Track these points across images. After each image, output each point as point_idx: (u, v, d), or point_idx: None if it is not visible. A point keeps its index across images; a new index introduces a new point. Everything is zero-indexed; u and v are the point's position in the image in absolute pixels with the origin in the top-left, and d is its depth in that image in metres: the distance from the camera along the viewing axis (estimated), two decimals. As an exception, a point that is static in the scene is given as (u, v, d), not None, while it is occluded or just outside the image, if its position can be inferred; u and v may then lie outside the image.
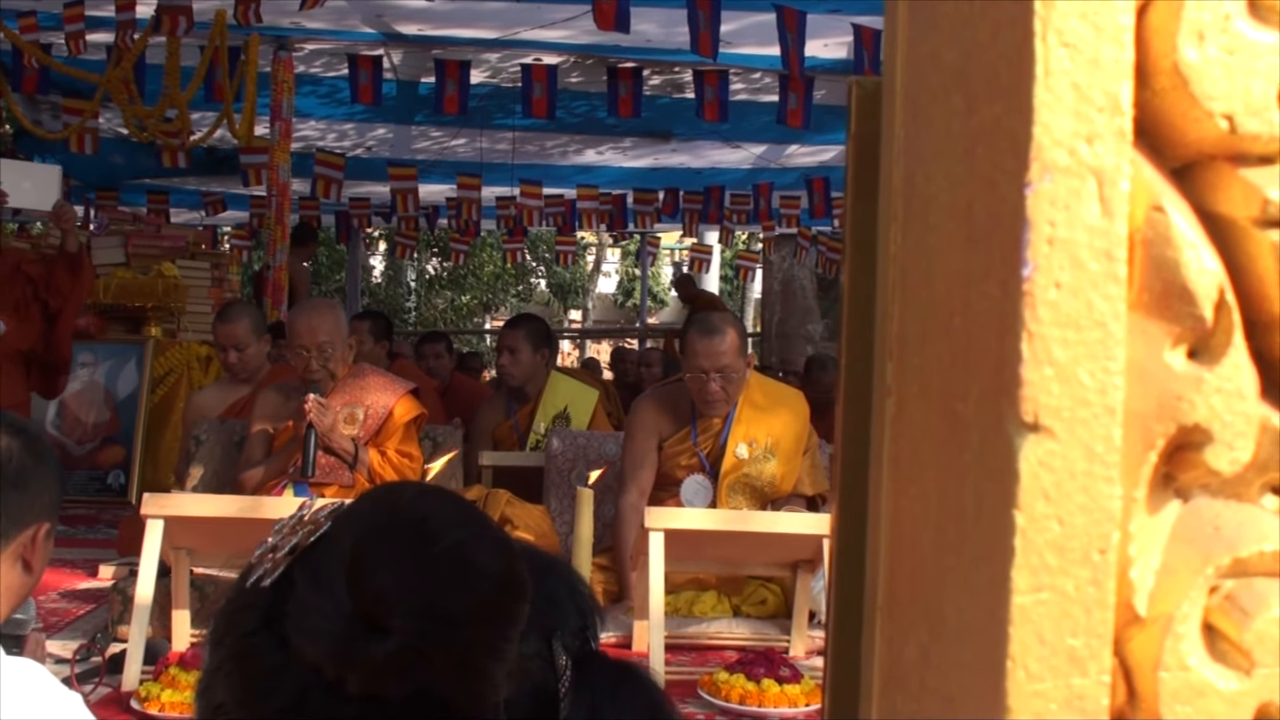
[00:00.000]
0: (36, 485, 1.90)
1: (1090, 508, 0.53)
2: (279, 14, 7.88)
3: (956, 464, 0.57)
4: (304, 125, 10.76)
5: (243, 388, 5.54)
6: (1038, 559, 0.53)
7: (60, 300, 5.92)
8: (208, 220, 14.36)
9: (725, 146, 11.82)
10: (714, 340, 4.78)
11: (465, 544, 1.13)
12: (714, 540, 4.40)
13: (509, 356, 6.07)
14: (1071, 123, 0.53)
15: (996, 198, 0.55)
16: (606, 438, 5.53)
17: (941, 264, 0.60)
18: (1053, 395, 0.53)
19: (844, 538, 0.78)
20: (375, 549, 1.09)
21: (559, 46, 9.09)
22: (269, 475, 4.78)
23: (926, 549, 0.60)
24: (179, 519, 3.98)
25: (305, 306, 5.04)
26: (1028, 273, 0.53)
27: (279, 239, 8.64)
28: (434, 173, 12.24)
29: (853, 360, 0.78)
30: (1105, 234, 0.53)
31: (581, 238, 21.74)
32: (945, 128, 0.59)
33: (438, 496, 1.22)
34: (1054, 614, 0.53)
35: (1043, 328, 0.53)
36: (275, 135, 8.69)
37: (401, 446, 4.85)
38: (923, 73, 0.63)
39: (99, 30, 8.12)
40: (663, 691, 1.40)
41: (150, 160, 10.77)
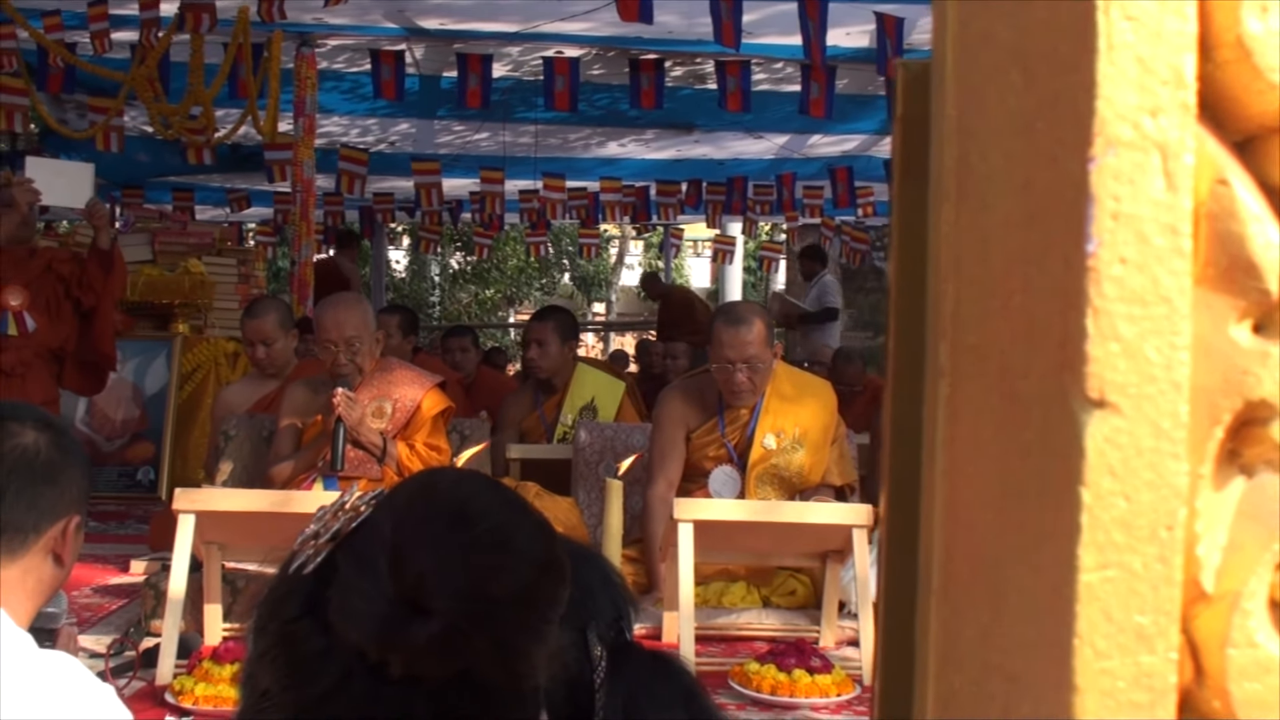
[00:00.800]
0: (66, 479, 1.91)
1: (1157, 484, 0.53)
2: (302, 10, 7.89)
3: (1018, 443, 0.57)
4: (327, 121, 10.78)
5: (271, 383, 5.56)
6: (1104, 536, 0.52)
7: (93, 297, 5.94)
8: (233, 217, 14.41)
9: (748, 137, 11.80)
10: (740, 330, 4.78)
11: (505, 526, 1.14)
12: (743, 531, 4.40)
13: (537, 349, 6.07)
14: (1135, 96, 0.52)
15: (1058, 173, 0.54)
16: (634, 429, 5.53)
17: (999, 242, 0.59)
18: (1119, 371, 0.52)
19: (895, 520, 0.78)
20: (417, 532, 1.10)
21: (580, 39, 9.09)
22: (298, 469, 4.80)
23: (986, 529, 0.60)
24: (210, 514, 4.00)
25: (332, 301, 5.05)
26: (1092, 248, 0.52)
27: (304, 235, 8.66)
28: (457, 167, 12.25)
29: (902, 342, 0.78)
30: (1170, 208, 0.53)
31: (604, 230, 21.76)
32: (1001, 105, 0.59)
33: (477, 481, 1.23)
34: (1121, 591, 0.53)
35: (1108, 303, 0.52)
36: (299, 131, 8.71)
37: (429, 440, 4.86)
38: (975, 51, 0.63)
39: (123, 29, 8.15)
40: (698, 681, 1.40)
41: (175, 158, 10.81)
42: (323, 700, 1.10)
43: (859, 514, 4.28)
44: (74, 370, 6.10)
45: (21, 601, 1.86)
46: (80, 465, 1.96)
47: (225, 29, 8.06)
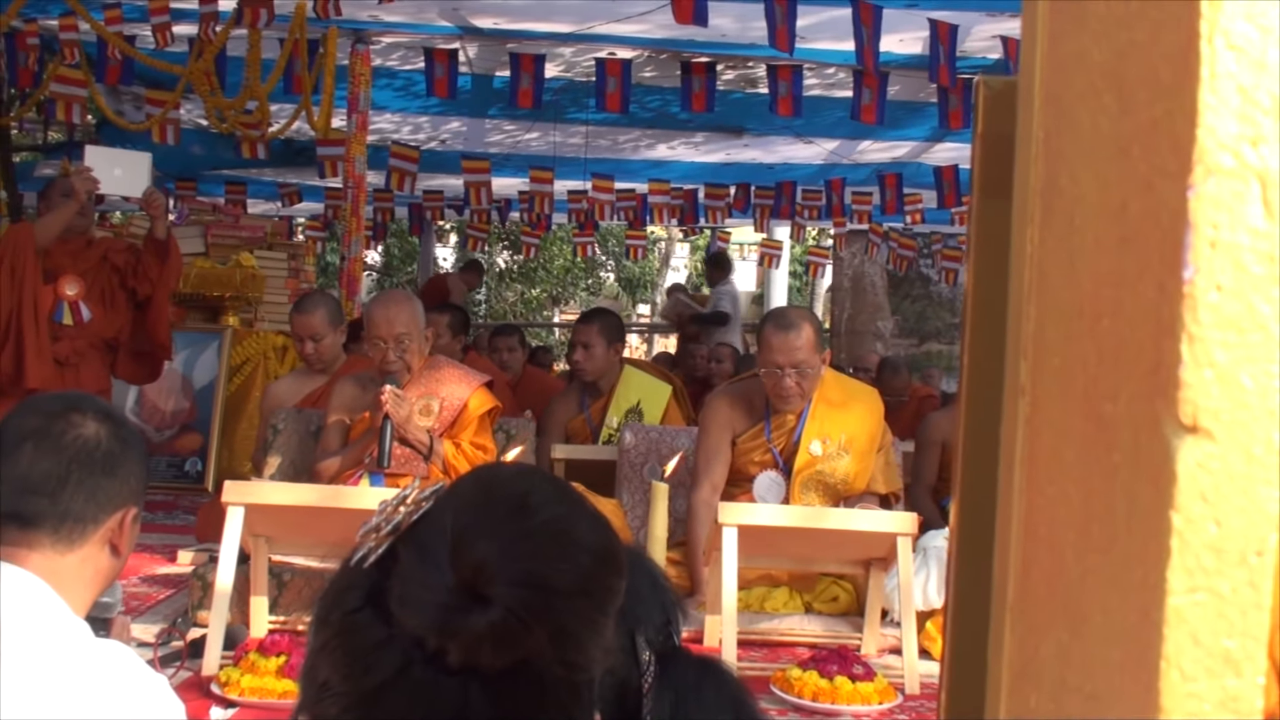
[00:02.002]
0: (124, 470, 1.93)
1: (1248, 509, 0.53)
2: (358, 7, 7.95)
3: (1104, 465, 0.57)
4: (380, 118, 10.85)
5: (319, 378, 5.59)
6: (1194, 560, 0.53)
7: (149, 287, 6.01)
8: (283, 211, 14.51)
9: (798, 142, 11.79)
10: (790, 335, 4.77)
11: (564, 518, 1.16)
12: (787, 537, 4.40)
13: (583, 351, 6.09)
14: (1236, 125, 0.53)
15: (1154, 199, 0.55)
16: (679, 432, 5.53)
17: (1087, 265, 0.60)
18: (1212, 398, 0.53)
19: (966, 534, 0.79)
20: (477, 522, 1.12)
21: (633, 41, 9.10)
22: (345, 465, 4.83)
23: (1068, 549, 0.60)
24: (258, 507, 4.03)
25: (383, 298, 5.08)
26: (1189, 275, 0.53)
27: (354, 230, 8.72)
28: (507, 166, 12.29)
29: (977, 360, 0.79)
30: (1268, 237, 0.53)
31: (651, 232, 21.76)
32: (1094, 128, 0.59)
33: (537, 475, 1.26)
34: (1210, 615, 0.53)
35: (1203, 330, 0.53)
36: (352, 127, 8.77)
37: (476, 439, 4.88)
38: (1068, 72, 0.63)
39: (182, 22, 8.24)
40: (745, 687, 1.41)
41: (229, 151, 10.91)
42: (381, 690, 1.11)
43: (903, 522, 4.27)
44: (128, 360, 6.16)
45: (79, 591, 1.89)
46: (139, 457, 1.98)
47: (282, 24, 8.13)
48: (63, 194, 5.86)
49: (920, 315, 15.80)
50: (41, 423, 1.90)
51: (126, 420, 2.09)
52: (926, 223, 13.80)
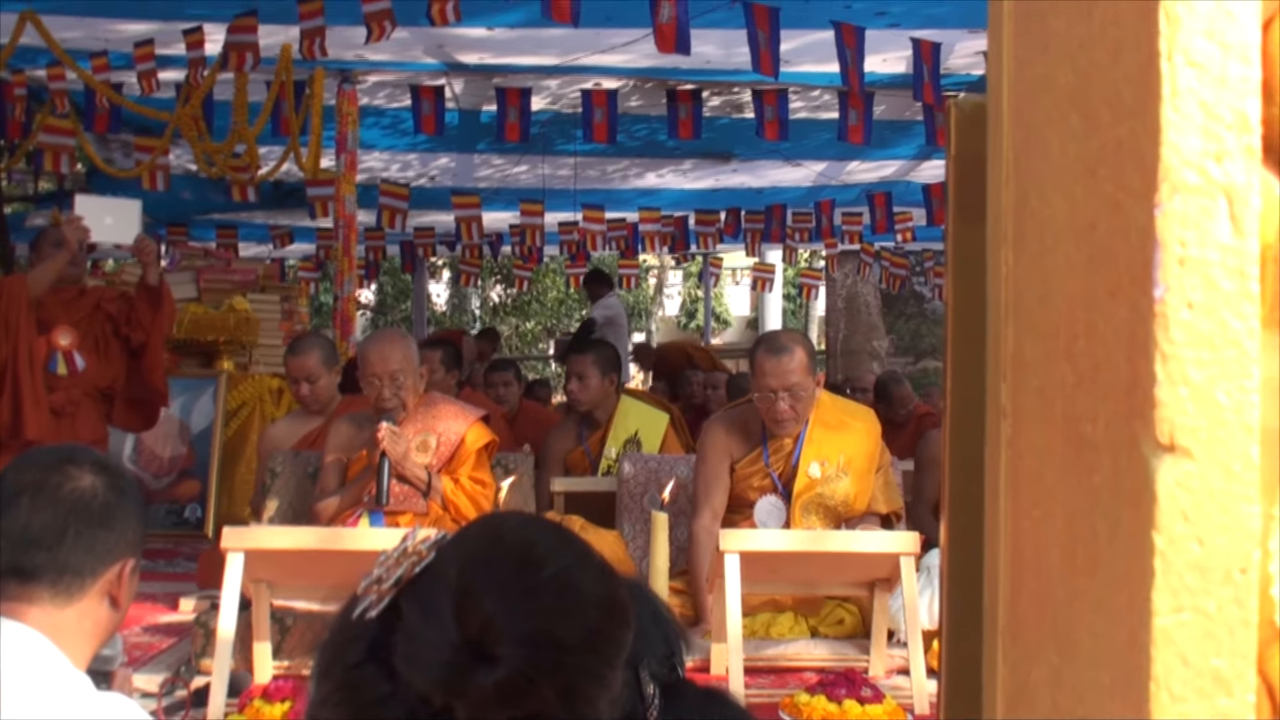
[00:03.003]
0: (122, 522, 1.93)
1: (1230, 527, 0.53)
2: (343, 47, 7.98)
3: (1085, 486, 0.57)
4: (368, 157, 10.87)
5: (315, 419, 5.58)
6: (1178, 580, 0.52)
7: (142, 334, 6.00)
8: (275, 253, 14.53)
9: (786, 165, 11.82)
10: (782, 359, 4.77)
11: (570, 571, 1.14)
12: (789, 561, 4.39)
13: (578, 383, 6.09)
14: (1200, 142, 0.53)
15: (1122, 219, 0.55)
16: (678, 460, 5.52)
17: (1061, 285, 0.59)
18: (1189, 415, 0.53)
19: (956, 558, 0.78)
20: (481, 577, 1.10)
21: (618, 71, 9.14)
22: (344, 505, 4.82)
23: (1054, 571, 0.60)
24: (258, 552, 4.02)
25: (376, 337, 5.09)
26: (1160, 294, 0.53)
27: (346, 270, 8.72)
28: (497, 200, 12.32)
29: (959, 382, 0.78)
30: (1237, 252, 0.53)
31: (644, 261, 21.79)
32: (1062, 149, 0.59)
33: (540, 525, 1.24)
34: (1197, 635, 0.53)
35: (1176, 349, 0.53)
36: (341, 167, 8.79)
37: (474, 473, 4.87)
38: (1034, 94, 0.63)
39: (168, 68, 8.27)
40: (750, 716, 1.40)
41: (219, 195, 10.93)
42: None
43: (906, 542, 4.25)
44: (124, 408, 6.16)
45: (79, 644, 1.88)
46: (136, 509, 1.98)
47: (268, 67, 8.16)
48: (54, 244, 5.86)
49: (915, 333, 15.82)
50: (38, 476, 1.90)
51: (123, 471, 2.09)
52: (918, 240, 13.83)
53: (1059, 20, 0.61)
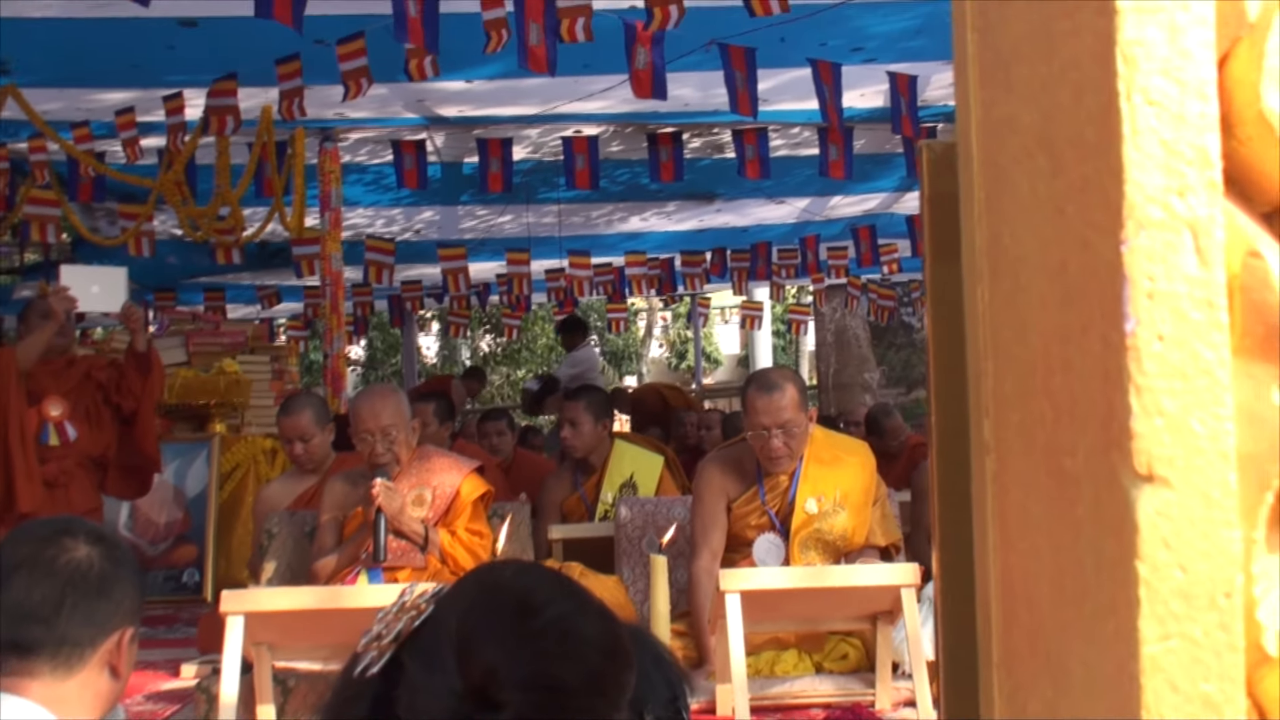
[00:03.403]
0: (119, 591, 1.93)
1: (1212, 553, 0.54)
2: (323, 106, 8.01)
3: (1069, 518, 0.58)
4: (353, 213, 10.90)
5: (310, 478, 5.58)
6: (1164, 608, 0.53)
7: (133, 401, 6.01)
8: (264, 314, 14.54)
9: (769, 203, 11.86)
10: (773, 396, 4.78)
11: (569, 615, 1.15)
12: (790, 598, 4.38)
13: (570, 429, 6.09)
14: (1162, 178, 0.54)
15: (1091, 255, 0.56)
16: (674, 502, 5.52)
17: (1036, 322, 0.61)
18: (1165, 445, 0.54)
19: (949, 594, 0.79)
20: (482, 626, 1.11)
21: (598, 117, 9.18)
22: (341, 563, 4.80)
23: (1044, 604, 0.61)
24: (258, 614, 4.00)
25: (367, 392, 5.09)
26: (1130, 327, 0.54)
27: (335, 328, 8.73)
28: (483, 251, 12.35)
29: (944, 418, 0.79)
30: (1204, 284, 0.54)
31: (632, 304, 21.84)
32: (1030, 189, 0.61)
33: (537, 572, 1.25)
34: (1185, 661, 0.53)
35: (1150, 380, 0.54)
36: (325, 225, 8.81)
37: (471, 525, 4.86)
38: (1001, 136, 0.64)
39: (150, 135, 8.30)
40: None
41: (205, 259, 10.95)
42: None
43: (906, 573, 4.25)
44: (117, 475, 6.15)
45: (81, 716, 1.88)
46: (133, 577, 1.98)
47: (249, 129, 8.19)
48: (41, 315, 5.87)
49: (906, 363, 15.83)
50: (33, 550, 1.90)
51: (119, 541, 2.09)
52: (904, 271, 13.86)
53: (1022, 64, 0.62)
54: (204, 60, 7.42)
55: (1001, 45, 0.64)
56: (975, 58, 0.67)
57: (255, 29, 6.48)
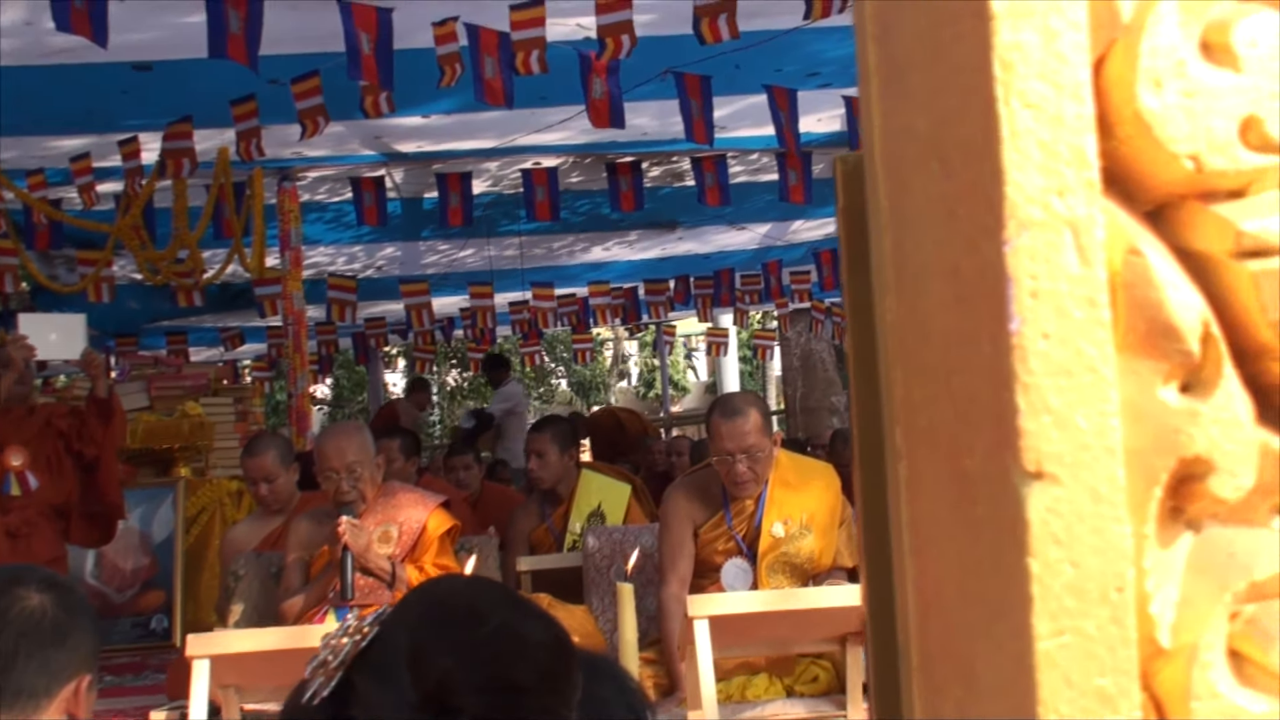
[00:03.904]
0: (74, 638, 1.91)
1: (1102, 548, 0.54)
2: (280, 145, 8.01)
3: (970, 519, 0.58)
4: (314, 252, 10.89)
5: (276, 519, 5.55)
6: (1056, 603, 0.54)
7: (94, 448, 5.97)
8: (227, 355, 14.49)
9: (730, 229, 11.92)
10: (737, 422, 4.79)
11: (514, 620, 1.20)
12: (759, 622, 4.38)
13: (537, 460, 6.08)
14: (1041, 179, 0.55)
15: (980, 258, 0.57)
16: (642, 530, 5.52)
17: (936, 326, 0.61)
18: (1053, 442, 0.54)
19: (874, 601, 0.79)
20: (433, 637, 1.15)
21: (557, 149, 9.22)
22: (309, 603, 4.78)
23: (952, 606, 0.61)
24: (224, 657, 3.97)
25: (331, 430, 5.08)
26: (1015, 326, 0.54)
27: (298, 367, 8.70)
28: (446, 285, 12.35)
29: (864, 428, 0.80)
30: (1086, 282, 0.55)
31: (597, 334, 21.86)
32: (926, 194, 0.61)
33: (478, 583, 1.31)
34: (1079, 656, 0.54)
35: (1035, 378, 0.54)
36: (286, 265, 8.79)
37: (438, 560, 4.85)
38: (900, 143, 0.65)
39: (106, 180, 8.28)
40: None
41: (166, 302, 10.90)
42: None
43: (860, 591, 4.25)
44: (81, 524, 6.10)
45: (39, 764, 1.86)
46: (88, 623, 1.97)
47: (206, 171, 8.18)
48: (1, 365, 5.83)
49: (873, 386, 15.85)
50: (-15, 602, 1.89)
51: (73, 587, 2.07)
52: (867, 294, 13.89)
53: (915, 71, 0.63)
54: (159, 103, 7.41)
55: (897, 53, 0.65)
56: (875, 67, 0.68)
57: (209, 71, 6.49)
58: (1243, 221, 0.56)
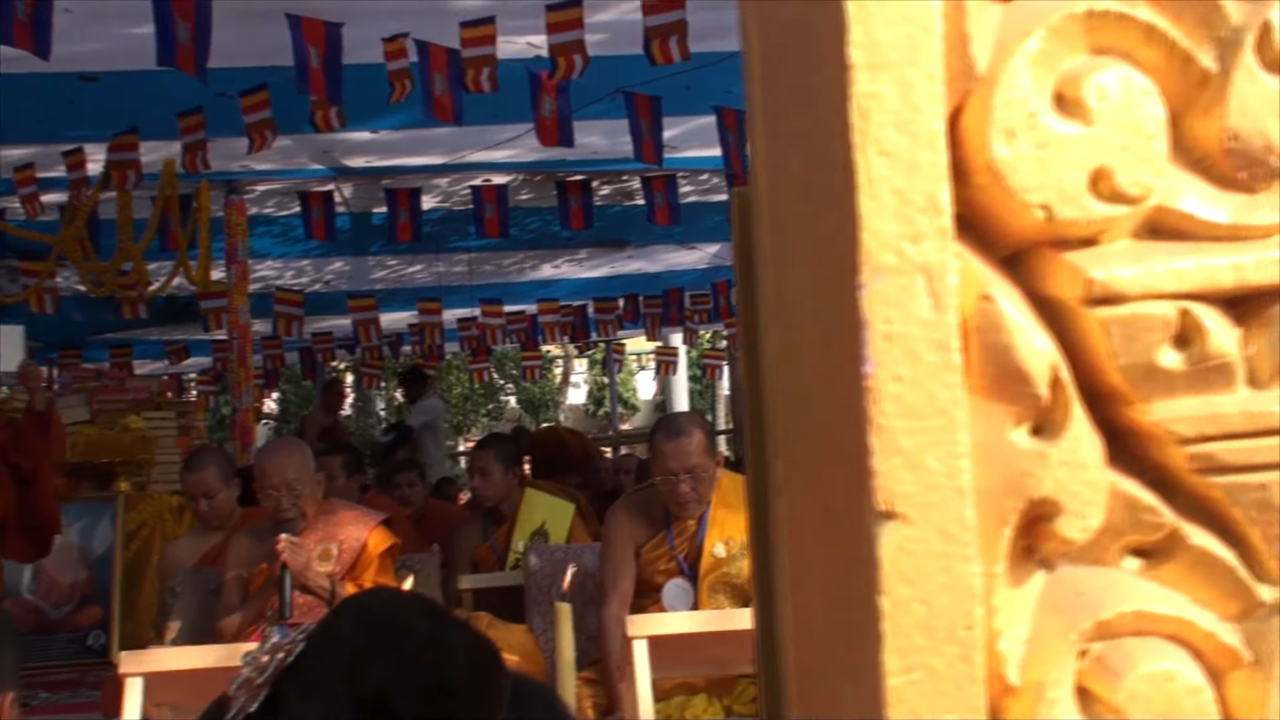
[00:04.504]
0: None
1: (952, 587, 0.55)
2: (228, 158, 7.96)
3: (834, 556, 0.60)
4: (261, 265, 10.83)
5: (215, 535, 5.51)
6: (906, 641, 0.55)
7: (30, 461, 5.90)
8: (172, 369, 14.37)
9: (680, 249, 11.95)
10: (681, 442, 4.80)
11: (438, 627, 1.29)
12: (699, 643, 4.38)
13: (480, 478, 6.07)
14: (895, 225, 0.56)
15: (840, 300, 0.58)
16: (584, 549, 5.51)
17: (807, 364, 0.63)
18: (904, 483, 0.55)
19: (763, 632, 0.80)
20: (365, 649, 1.22)
21: (507, 166, 9.22)
22: (247, 621, 4.75)
23: (822, 640, 0.62)
24: (158, 674, 3.94)
25: (270, 447, 5.06)
26: (869, 369, 0.56)
27: (243, 381, 8.65)
28: (394, 301, 12.31)
29: (755, 461, 0.81)
30: (938, 326, 0.56)
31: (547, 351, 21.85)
32: (798, 234, 0.63)
33: (402, 596, 1.39)
34: (927, 693, 0.55)
35: (888, 420, 0.55)
36: (232, 278, 8.73)
37: (378, 578, 4.83)
38: (779, 183, 0.67)
39: (50, 191, 8.20)
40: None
41: (110, 314, 10.80)
42: None
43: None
44: (16, 538, 6.03)
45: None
46: (9, 643, 1.95)
47: (152, 183, 8.12)
48: (-63, 376, 5.78)
49: (821, 406, 15.92)
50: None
51: (-10, 606, 2.05)
52: (816, 314, 13.96)
53: (793, 114, 0.64)
54: (105, 115, 7.36)
55: (779, 94, 0.66)
56: (760, 107, 0.69)
57: (156, 82, 6.45)
58: (1093, 269, 0.58)
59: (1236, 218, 0.60)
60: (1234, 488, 0.59)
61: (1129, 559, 0.59)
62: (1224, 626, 0.58)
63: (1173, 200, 0.60)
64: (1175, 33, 0.59)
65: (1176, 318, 0.58)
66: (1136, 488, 0.59)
